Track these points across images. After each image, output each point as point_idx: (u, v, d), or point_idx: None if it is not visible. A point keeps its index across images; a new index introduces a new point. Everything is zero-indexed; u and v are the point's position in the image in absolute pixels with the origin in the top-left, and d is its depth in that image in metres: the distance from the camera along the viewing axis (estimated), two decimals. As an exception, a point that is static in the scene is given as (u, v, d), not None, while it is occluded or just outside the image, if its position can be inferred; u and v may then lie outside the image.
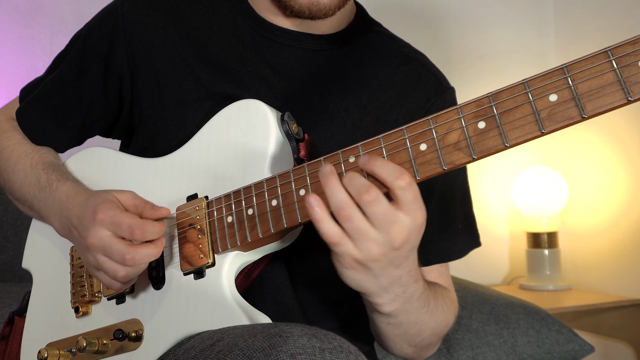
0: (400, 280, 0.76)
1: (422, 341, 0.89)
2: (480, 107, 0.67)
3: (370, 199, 0.68)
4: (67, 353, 0.93)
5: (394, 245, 0.71)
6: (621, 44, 0.61)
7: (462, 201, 1.03)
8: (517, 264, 2.38)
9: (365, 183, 0.69)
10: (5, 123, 1.08)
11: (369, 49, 1.01)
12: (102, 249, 0.82)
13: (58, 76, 1.04)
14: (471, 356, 1.50)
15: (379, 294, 0.77)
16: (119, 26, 0.98)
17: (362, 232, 0.70)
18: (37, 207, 0.98)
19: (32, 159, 1.01)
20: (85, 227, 0.84)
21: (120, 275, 0.82)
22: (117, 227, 0.81)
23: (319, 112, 0.95)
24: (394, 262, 0.73)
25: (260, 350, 0.66)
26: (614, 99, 0.61)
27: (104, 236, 0.81)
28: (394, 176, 0.68)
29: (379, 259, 0.72)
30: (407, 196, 0.69)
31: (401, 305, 0.80)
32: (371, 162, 0.70)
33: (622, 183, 2.14)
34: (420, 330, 0.87)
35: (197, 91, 0.95)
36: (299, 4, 0.90)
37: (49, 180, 0.96)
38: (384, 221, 0.69)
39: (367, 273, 0.74)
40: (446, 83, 1.03)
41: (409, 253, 0.74)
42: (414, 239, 0.72)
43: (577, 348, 1.57)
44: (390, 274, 0.74)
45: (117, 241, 0.81)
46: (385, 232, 0.70)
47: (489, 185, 2.34)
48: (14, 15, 1.96)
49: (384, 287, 0.76)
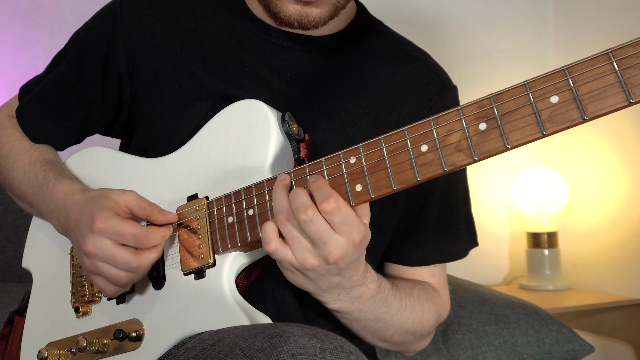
0: (340, 285, 0.80)
1: (391, 337, 0.92)
2: (481, 108, 0.67)
3: (304, 218, 0.71)
4: (67, 353, 0.93)
5: (329, 260, 0.74)
6: (622, 45, 0.61)
7: (463, 202, 1.03)
8: (517, 264, 2.38)
9: (305, 202, 0.72)
10: (5, 120, 1.08)
11: (370, 49, 1.01)
12: (102, 257, 0.82)
13: (57, 76, 1.04)
14: (471, 356, 1.50)
15: (320, 293, 0.81)
16: (118, 26, 0.98)
17: (296, 239, 0.74)
18: (35, 204, 0.98)
19: (30, 156, 1.01)
20: (83, 233, 0.84)
21: (122, 282, 0.83)
22: (120, 237, 0.81)
23: (319, 113, 0.95)
24: (330, 272, 0.76)
25: (261, 351, 0.66)
26: (615, 101, 0.61)
27: (104, 245, 0.81)
28: (320, 200, 0.71)
29: (315, 268, 0.75)
30: (334, 219, 0.72)
31: (348, 304, 0.83)
32: (311, 183, 0.73)
33: (622, 183, 2.14)
34: (384, 327, 0.89)
35: (197, 91, 0.95)
36: (287, 15, 0.90)
37: (46, 178, 0.96)
38: (318, 239, 0.72)
39: (304, 278, 0.78)
40: (449, 82, 1.03)
41: (348, 265, 0.76)
42: (351, 255, 0.75)
43: (577, 348, 1.57)
44: (328, 280, 0.78)
45: (120, 249, 0.81)
46: (320, 248, 0.73)
47: (489, 186, 2.34)
48: (14, 15, 1.96)
49: (323, 289, 0.80)
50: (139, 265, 0.81)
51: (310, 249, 0.74)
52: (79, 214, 0.86)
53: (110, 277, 0.83)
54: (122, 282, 0.83)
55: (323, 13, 0.90)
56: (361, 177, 0.73)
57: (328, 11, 0.91)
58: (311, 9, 0.89)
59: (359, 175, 0.73)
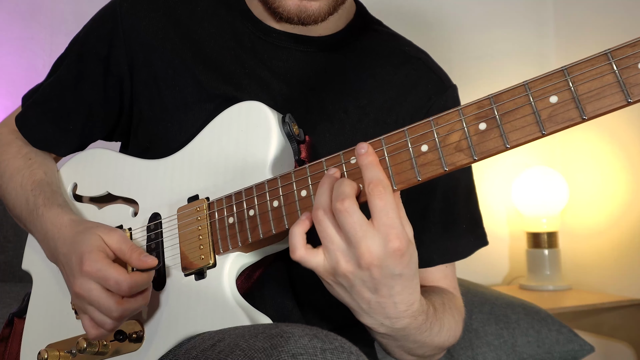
0: (384, 311, 0.73)
1: (424, 353, 0.87)
2: (481, 108, 0.67)
3: (341, 207, 0.67)
4: (67, 354, 0.93)
5: (360, 264, 0.68)
6: (621, 46, 0.61)
7: (467, 201, 1.02)
8: (517, 264, 2.38)
9: (345, 192, 0.68)
10: (6, 135, 1.07)
11: (369, 49, 1.01)
12: (88, 301, 0.82)
13: (57, 79, 1.04)
14: (471, 356, 1.50)
15: (360, 314, 0.75)
16: (118, 28, 0.98)
17: (329, 238, 0.69)
18: (29, 228, 0.99)
19: (22, 177, 1.00)
20: (72, 273, 0.84)
21: (108, 328, 0.83)
22: (104, 282, 0.81)
23: (318, 114, 0.95)
24: (365, 284, 0.70)
25: (262, 351, 0.66)
26: (614, 100, 0.61)
27: (91, 289, 0.81)
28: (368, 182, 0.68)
29: (347, 275, 0.70)
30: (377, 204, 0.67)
31: (391, 332, 0.77)
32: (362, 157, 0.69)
33: (622, 183, 2.14)
34: (420, 346, 0.84)
35: (198, 93, 0.95)
36: (287, 10, 0.90)
37: (35, 204, 0.95)
38: (353, 234, 0.67)
39: (340, 288, 0.73)
40: (448, 81, 1.03)
41: (385, 279, 0.70)
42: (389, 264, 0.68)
43: (577, 348, 1.57)
44: (366, 297, 0.72)
45: (105, 296, 0.81)
46: (354, 247, 0.68)
47: (489, 185, 2.34)
48: (14, 15, 1.96)
49: (364, 310, 0.74)
50: (120, 315, 0.81)
51: (344, 249, 0.69)
52: (67, 250, 0.86)
53: (96, 320, 0.83)
54: (107, 328, 0.83)
55: (322, 7, 0.90)
56: (362, 178, 0.72)
57: (327, 5, 0.91)
58: (310, 3, 0.89)
59: (359, 175, 0.73)
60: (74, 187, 1.02)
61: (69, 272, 0.85)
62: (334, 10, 0.92)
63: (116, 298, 0.81)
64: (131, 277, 0.80)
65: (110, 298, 0.81)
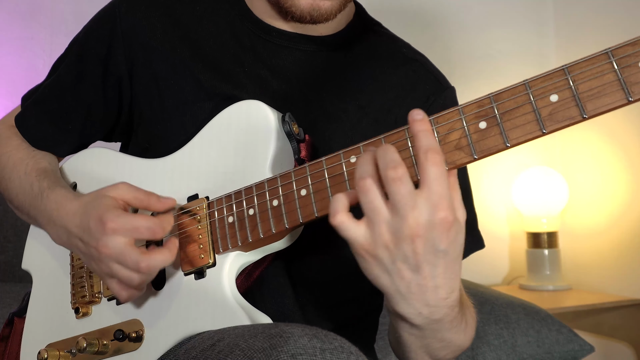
0: (424, 296, 0.68)
1: (445, 355, 0.82)
2: (481, 107, 0.67)
3: (394, 175, 0.63)
4: (67, 354, 0.93)
5: (405, 235, 0.64)
6: (622, 45, 0.61)
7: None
8: (517, 264, 2.38)
9: (395, 159, 0.63)
10: (5, 130, 1.07)
11: (368, 50, 1.01)
12: (115, 257, 0.80)
13: (56, 80, 1.04)
14: (471, 356, 1.50)
15: (397, 300, 0.69)
16: (117, 28, 0.98)
17: (377, 211, 0.64)
18: (33, 215, 0.98)
19: (26, 166, 1.00)
20: (94, 237, 0.82)
21: (135, 283, 0.81)
22: (135, 232, 0.80)
23: (318, 113, 0.95)
24: (407, 260, 0.65)
25: (261, 351, 0.66)
26: (614, 99, 0.61)
27: (118, 244, 0.80)
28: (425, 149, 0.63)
29: (389, 247, 0.65)
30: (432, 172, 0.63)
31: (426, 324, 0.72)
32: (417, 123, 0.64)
33: (622, 183, 2.14)
34: (446, 346, 0.80)
35: (197, 92, 0.95)
36: (300, 9, 0.90)
37: (40, 188, 0.95)
38: (403, 204, 0.63)
39: (379, 267, 0.67)
40: (445, 82, 1.03)
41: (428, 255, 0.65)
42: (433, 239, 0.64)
43: (577, 348, 1.57)
44: (406, 277, 0.67)
45: (131, 249, 0.79)
46: (400, 218, 0.63)
47: (489, 185, 2.34)
48: (14, 15, 1.96)
49: (402, 294, 0.68)
50: (147, 266, 0.79)
51: (388, 220, 0.64)
52: (80, 221, 0.85)
53: (123, 278, 0.81)
54: (135, 283, 0.81)
55: (334, 5, 0.91)
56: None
57: (339, 3, 0.91)
58: (323, 2, 0.90)
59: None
60: (74, 186, 1.02)
61: (90, 239, 0.82)
62: (343, 8, 0.93)
63: (141, 249, 0.80)
64: (159, 219, 0.81)
65: (136, 250, 0.79)
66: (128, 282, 0.81)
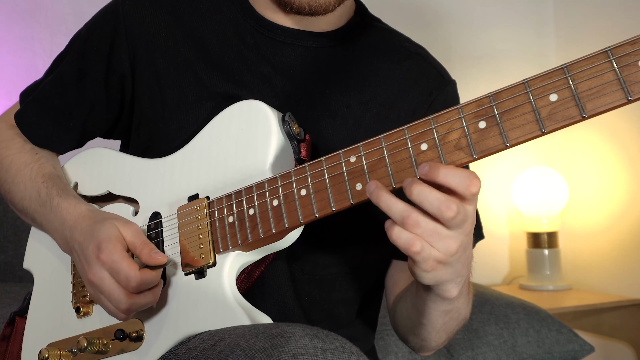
0: (467, 260, 0.76)
1: (455, 328, 0.90)
2: (480, 107, 0.67)
3: (452, 214, 0.66)
4: (68, 353, 0.93)
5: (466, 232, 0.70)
6: (621, 44, 0.61)
7: None
8: (517, 264, 2.38)
9: (442, 198, 0.66)
10: (5, 131, 1.07)
11: (369, 45, 1.01)
12: (100, 289, 0.83)
13: (57, 77, 1.04)
14: (471, 356, 1.50)
15: (454, 279, 0.75)
16: (120, 25, 0.98)
17: (435, 233, 0.68)
18: (38, 221, 0.98)
19: (31, 170, 1.00)
20: (88, 262, 0.84)
21: (120, 317, 0.84)
22: (115, 274, 0.81)
23: (321, 109, 0.95)
24: (467, 249, 0.73)
25: (262, 351, 0.66)
26: (614, 98, 0.61)
27: (105, 278, 0.82)
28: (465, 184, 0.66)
29: (458, 250, 0.70)
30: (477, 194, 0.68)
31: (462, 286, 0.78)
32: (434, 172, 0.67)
33: (622, 183, 2.14)
34: (459, 315, 0.87)
35: (199, 91, 0.95)
36: (298, 0, 0.91)
37: (49, 195, 0.95)
38: (461, 222, 0.68)
39: (446, 267, 0.72)
40: (448, 76, 1.04)
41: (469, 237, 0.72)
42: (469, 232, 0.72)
43: (577, 348, 1.57)
44: (464, 258, 0.73)
45: (116, 288, 0.81)
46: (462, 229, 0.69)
47: (489, 185, 2.34)
48: (14, 15, 1.96)
49: (458, 272, 0.74)
50: (127, 309, 0.81)
51: (451, 235, 0.68)
52: (84, 239, 0.86)
53: (108, 308, 0.84)
54: (119, 316, 0.84)
55: None
56: (361, 176, 0.73)
57: None
58: None
59: (359, 174, 0.73)
60: (75, 186, 1.02)
61: (85, 260, 0.85)
62: (343, 0, 0.93)
63: (126, 291, 0.81)
64: (141, 274, 0.81)
65: (121, 290, 0.81)
66: (113, 313, 0.84)
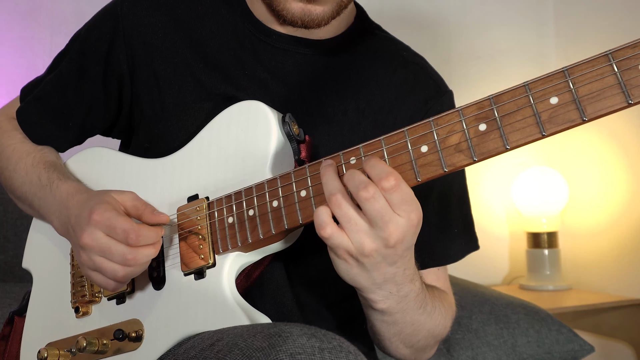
0: (394, 278, 0.76)
1: (418, 342, 0.89)
2: (481, 109, 0.67)
3: (366, 195, 0.68)
4: (67, 353, 0.93)
5: (388, 243, 0.70)
6: (622, 47, 0.61)
7: (459, 204, 1.02)
8: (517, 264, 2.38)
9: (364, 180, 0.69)
10: (6, 123, 1.08)
11: (367, 53, 1.01)
12: (98, 250, 0.81)
13: (58, 76, 1.04)
14: (471, 356, 1.50)
15: (372, 289, 0.77)
16: (119, 26, 0.98)
17: (353, 222, 0.70)
18: (37, 205, 0.98)
19: (33, 158, 1.01)
20: (81, 226, 0.83)
21: (120, 275, 0.82)
22: (111, 230, 0.81)
23: (317, 116, 0.95)
24: (387, 259, 0.73)
25: (260, 350, 0.66)
26: (614, 102, 0.61)
27: (100, 237, 0.81)
28: (379, 177, 0.68)
29: (372, 254, 0.71)
30: (394, 197, 0.69)
31: (396, 303, 0.80)
32: (366, 161, 0.70)
33: (622, 183, 2.14)
34: (416, 330, 0.86)
35: (198, 92, 0.95)
36: (291, 13, 0.90)
37: (50, 179, 0.96)
38: (379, 219, 0.69)
39: (360, 268, 0.74)
40: (444, 86, 1.03)
41: (404, 252, 0.73)
42: (409, 239, 0.72)
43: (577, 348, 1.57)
44: (384, 270, 0.74)
45: (116, 242, 0.80)
46: (380, 229, 0.70)
47: (489, 186, 2.34)
48: (14, 15, 1.96)
49: (377, 284, 0.76)
50: (134, 258, 0.80)
51: (367, 231, 0.70)
52: (79, 210, 0.86)
53: (107, 272, 0.82)
54: (119, 276, 0.82)
55: (326, 11, 0.91)
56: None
57: (331, 9, 0.91)
58: (315, 7, 0.90)
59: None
60: (74, 186, 1.02)
61: (78, 228, 0.84)
62: (337, 14, 0.92)
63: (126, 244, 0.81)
64: (138, 226, 0.81)
65: (120, 243, 0.80)
66: (112, 275, 0.82)
